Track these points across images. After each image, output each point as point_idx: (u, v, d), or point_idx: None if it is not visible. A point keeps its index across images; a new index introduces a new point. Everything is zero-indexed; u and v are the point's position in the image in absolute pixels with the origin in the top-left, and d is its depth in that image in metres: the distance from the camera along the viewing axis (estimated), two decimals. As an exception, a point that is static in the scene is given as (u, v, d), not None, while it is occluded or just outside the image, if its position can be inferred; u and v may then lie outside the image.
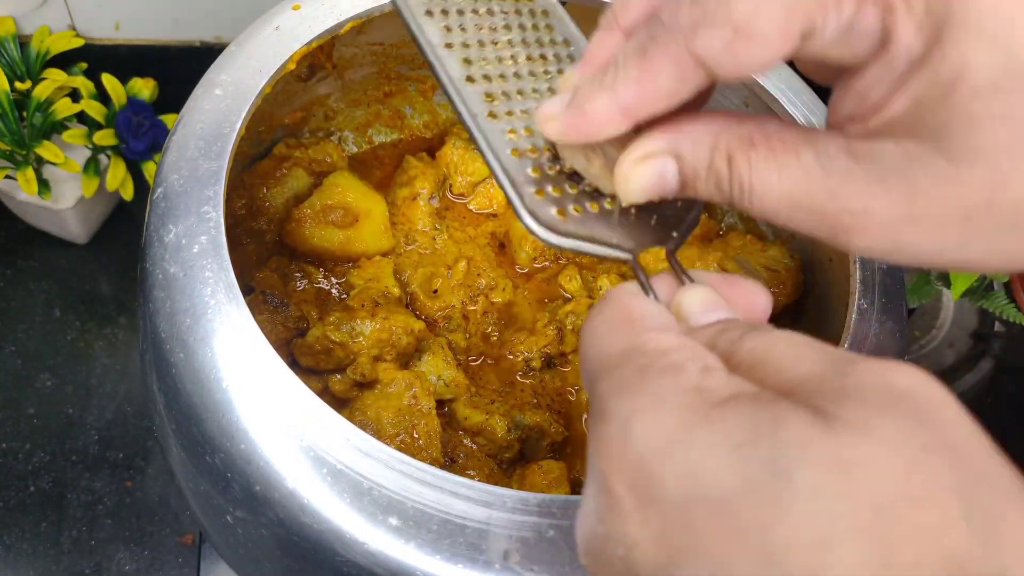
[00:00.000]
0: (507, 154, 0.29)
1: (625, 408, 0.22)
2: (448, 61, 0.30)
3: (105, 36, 0.73)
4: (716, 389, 0.21)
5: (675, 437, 0.21)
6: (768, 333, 0.23)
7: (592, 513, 0.23)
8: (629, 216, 0.29)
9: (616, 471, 0.21)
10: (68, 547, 0.65)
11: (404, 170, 0.58)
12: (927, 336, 0.75)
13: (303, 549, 0.35)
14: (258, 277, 0.51)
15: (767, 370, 0.22)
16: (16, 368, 0.72)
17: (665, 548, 0.20)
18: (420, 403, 0.47)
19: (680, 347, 0.23)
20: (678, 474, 0.20)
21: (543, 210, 0.28)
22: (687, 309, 0.26)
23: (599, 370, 0.24)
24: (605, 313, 0.25)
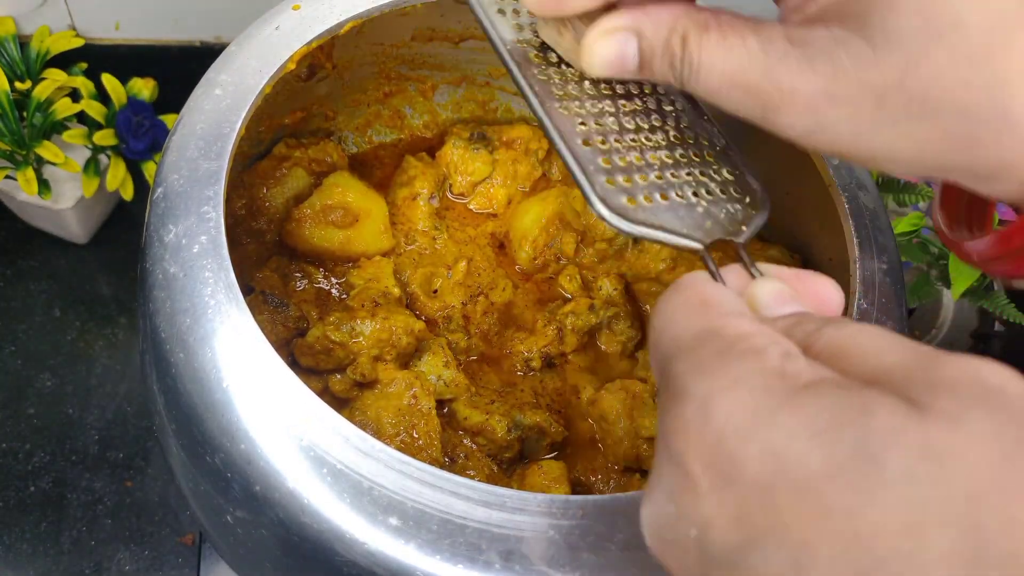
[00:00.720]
0: (578, 143, 0.30)
1: (704, 388, 0.22)
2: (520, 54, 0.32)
3: (105, 36, 0.73)
4: (799, 373, 0.21)
5: (758, 418, 0.21)
6: (847, 324, 0.23)
7: (663, 493, 0.22)
8: (697, 207, 0.30)
9: (693, 450, 0.21)
10: (68, 547, 0.65)
11: (404, 170, 0.58)
12: (927, 336, 0.75)
13: (303, 549, 0.35)
14: (258, 277, 0.51)
15: (849, 360, 0.22)
16: (16, 368, 0.72)
17: (743, 529, 0.20)
18: (420, 403, 0.47)
19: (759, 332, 0.23)
20: (760, 455, 0.20)
21: (614, 198, 0.29)
22: (760, 300, 0.26)
23: (675, 351, 0.24)
24: (680, 297, 0.26)
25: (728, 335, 0.23)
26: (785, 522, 0.19)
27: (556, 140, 0.30)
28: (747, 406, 0.21)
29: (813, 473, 0.19)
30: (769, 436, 0.20)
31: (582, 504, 0.35)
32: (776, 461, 0.20)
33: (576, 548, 0.34)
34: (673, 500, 0.22)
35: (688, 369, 0.23)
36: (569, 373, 0.54)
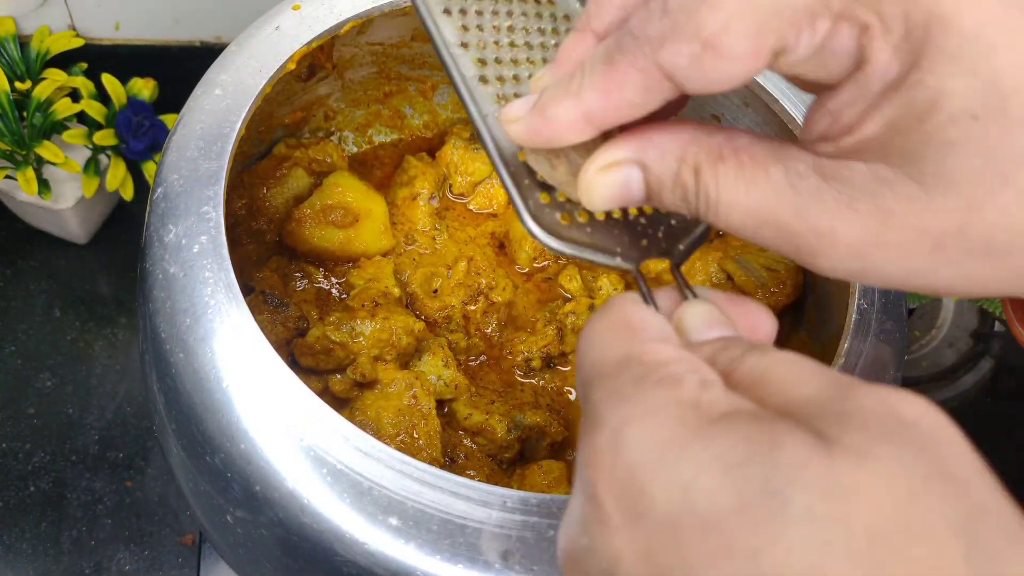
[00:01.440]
0: (514, 156, 0.28)
1: (618, 417, 0.21)
2: (462, 60, 0.30)
3: (105, 36, 0.73)
4: (713, 404, 0.21)
5: (667, 451, 0.20)
6: (769, 353, 0.23)
7: (576, 523, 0.22)
8: (635, 226, 0.29)
9: (604, 482, 0.21)
10: (68, 547, 0.65)
11: (404, 170, 0.58)
12: (927, 336, 0.75)
13: (303, 549, 0.35)
14: (258, 277, 0.51)
15: (767, 390, 0.22)
16: (16, 368, 0.72)
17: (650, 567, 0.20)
18: (420, 403, 0.47)
19: (679, 359, 0.23)
20: (668, 489, 0.20)
21: (547, 214, 0.28)
22: (688, 323, 0.26)
23: (594, 377, 0.23)
24: (604, 320, 0.25)
25: (647, 361, 0.22)
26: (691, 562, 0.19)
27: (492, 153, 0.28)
28: (659, 438, 0.20)
29: (720, 510, 0.19)
30: (678, 470, 0.20)
31: (582, 504, 0.35)
32: (684, 496, 0.19)
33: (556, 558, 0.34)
34: (586, 531, 0.21)
35: (604, 396, 0.22)
36: (569, 373, 0.54)
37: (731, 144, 0.25)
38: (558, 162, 0.28)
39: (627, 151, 0.26)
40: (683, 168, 0.25)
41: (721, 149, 0.25)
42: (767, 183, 0.24)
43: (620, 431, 0.21)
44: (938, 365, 0.75)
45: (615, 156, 0.26)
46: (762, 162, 0.25)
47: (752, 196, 0.24)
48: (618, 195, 0.26)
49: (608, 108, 0.25)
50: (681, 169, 0.25)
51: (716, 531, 0.19)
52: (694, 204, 0.26)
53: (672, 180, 0.26)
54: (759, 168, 0.24)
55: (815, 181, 0.24)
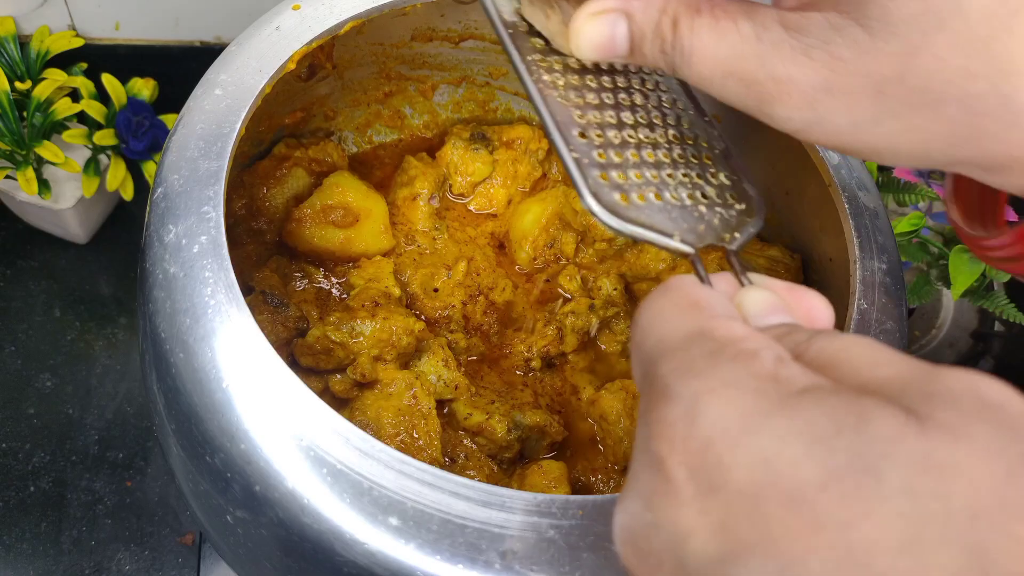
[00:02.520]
0: (574, 134, 0.29)
1: (692, 389, 0.21)
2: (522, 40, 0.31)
3: (105, 36, 0.73)
4: (792, 379, 0.20)
5: (749, 423, 0.19)
6: (840, 336, 0.22)
7: (639, 500, 0.21)
8: (692, 211, 0.30)
9: (678, 454, 0.20)
10: (68, 547, 0.65)
11: (404, 170, 0.58)
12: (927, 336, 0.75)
13: (303, 549, 0.35)
14: (258, 277, 0.51)
15: (841, 370, 0.21)
16: (16, 368, 0.72)
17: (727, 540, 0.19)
18: (420, 403, 0.47)
19: (752, 336, 0.22)
20: (750, 462, 0.19)
21: (606, 193, 0.28)
22: (749, 309, 0.25)
23: (662, 351, 0.23)
24: (668, 297, 0.24)
25: (719, 337, 0.22)
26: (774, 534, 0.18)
27: (551, 130, 0.29)
28: (738, 410, 0.20)
29: (806, 483, 0.18)
30: (760, 442, 0.19)
31: (582, 504, 0.35)
32: (767, 469, 0.19)
33: (576, 548, 0.34)
34: (651, 507, 0.21)
35: (675, 369, 0.22)
36: (569, 373, 0.54)
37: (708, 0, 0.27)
38: (552, 12, 0.30)
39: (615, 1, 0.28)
40: (663, 19, 0.27)
41: (699, 4, 0.27)
42: (737, 35, 0.26)
43: (696, 403, 0.20)
44: (938, 365, 0.74)
45: (603, 4, 0.28)
46: (734, 16, 0.27)
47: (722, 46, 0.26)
48: (605, 42, 0.29)
49: None
50: (662, 20, 0.27)
51: (802, 504, 0.18)
52: (671, 55, 0.28)
53: (653, 30, 0.28)
54: (731, 21, 0.27)
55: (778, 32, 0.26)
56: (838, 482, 0.18)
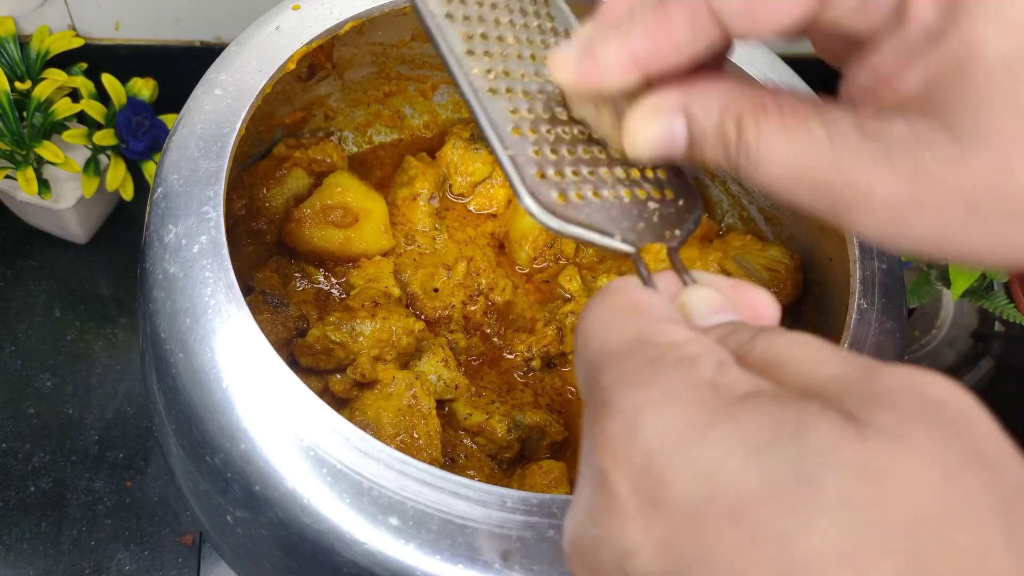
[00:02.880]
0: (508, 132, 0.28)
1: (633, 401, 0.20)
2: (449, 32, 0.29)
3: (105, 36, 0.73)
4: (733, 385, 0.20)
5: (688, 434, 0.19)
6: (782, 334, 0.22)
7: (585, 514, 0.21)
8: (632, 209, 0.29)
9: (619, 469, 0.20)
10: (68, 547, 0.65)
11: (404, 170, 0.58)
12: (927, 336, 0.75)
13: (303, 549, 0.35)
14: (258, 277, 0.51)
15: (784, 372, 0.21)
16: (16, 368, 0.72)
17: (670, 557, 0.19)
18: (420, 403, 0.47)
19: (693, 340, 0.22)
20: (690, 475, 0.19)
21: (544, 192, 0.27)
22: (693, 308, 0.25)
23: (602, 360, 0.22)
24: (607, 302, 0.24)
25: (659, 343, 0.22)
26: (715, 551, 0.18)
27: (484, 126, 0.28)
28: (678, 422, 0.19)
29: (746, 495, 0.18)
30: (700, 455, 0.19)
31: (582, 504, 0.35)
32: (707, 482, 0.18)
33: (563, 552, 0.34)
34: (596, 522, 0.20)
35: (616, 380, 0.21)
36: (569, 373, 0.54)
37: (774, 98, 0.25)
38: (604, 108, 0.28)
39: (673, 98, 0.26)
40: (726, 118, 0.25)
41: (764, 102, 0.25)
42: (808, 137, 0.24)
43: (636, 416, 0.20)
44: (938, 365, 0.75)
45: (662, 102, 0.26)
46: (803, 117, 0.25)
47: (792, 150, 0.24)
48: (662, 142, 0.27)
49: (657, 49, 0.25)
50: (724, 120, 0.25)
51: (743, 517, 0.18)
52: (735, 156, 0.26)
53: (715, 130, 0.26)
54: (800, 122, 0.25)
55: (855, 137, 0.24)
56: (777, 494, 0.18)
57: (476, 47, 0.30)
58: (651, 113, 0.27)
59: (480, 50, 0.30)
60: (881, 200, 0.24)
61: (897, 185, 0.23)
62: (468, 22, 0.30)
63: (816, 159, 0.24)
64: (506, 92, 0.29)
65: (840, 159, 0.24)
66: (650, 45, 0.25)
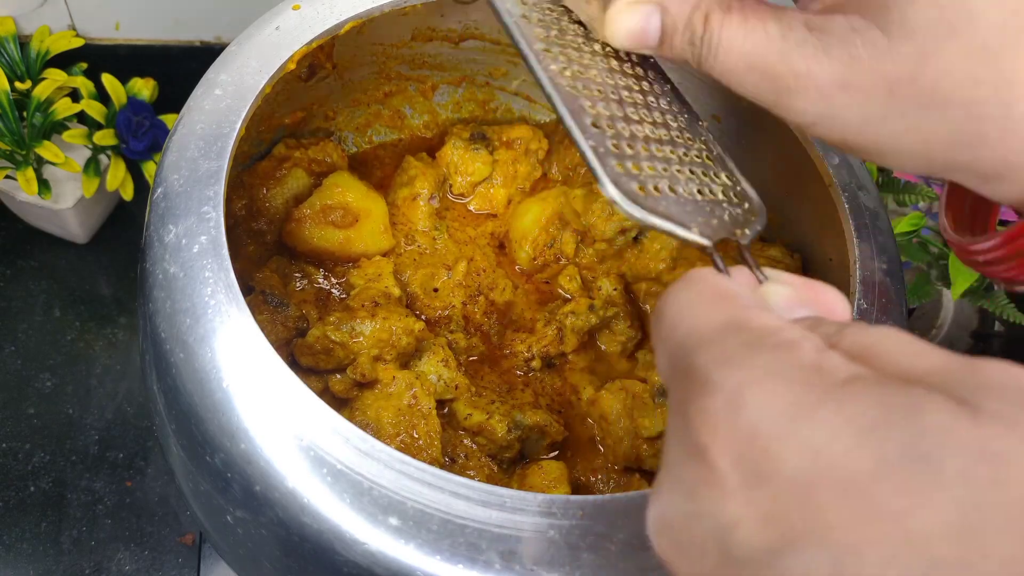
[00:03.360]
0: (587, 123, 0.29)
1: (735, 379, 0.20)
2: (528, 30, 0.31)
3: (105, 36, 0.73)
4: (837, 368, 0.20)
5: (796, 412, 0.19)
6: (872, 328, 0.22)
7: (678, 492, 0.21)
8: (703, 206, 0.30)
9: (721, 444, 0.20)
10: (68, 547, 0.65)
11: (404, 170, 0.58)
12: (927, 336, 0.75)
13: (303, 549, 0.35)
14: (258, 277, 0.51)
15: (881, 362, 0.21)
16: (16, 368, 0.72)
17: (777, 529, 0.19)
18: (420, 403, 0.47)
19: (788, 326, 0.22)
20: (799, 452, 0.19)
21: (625, 182, 0.28)
22: (772, 302, 0.25)
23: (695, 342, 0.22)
24: (693, 289, 0.24)
25: (755, 327, 0.22)
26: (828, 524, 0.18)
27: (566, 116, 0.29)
28: (784, 399, 0.19)
29: (860, 473, 0.18)
30: (809, 432, 0.19)
31: (582, 504, 0.35)
32: (817, 459, 0.19)
33: (576, 548, 0.34)
34: (692, 497, 0.20)
35: (713, 360, 0.21)
36: (569, 373, 0.54)
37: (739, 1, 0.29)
38: None
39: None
40: (696, 14, 0.29)
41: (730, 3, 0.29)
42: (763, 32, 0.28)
43: (739, 393, 0.20)
44: (938, 365, 0.74)
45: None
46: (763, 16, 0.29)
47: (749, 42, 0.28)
48: (638, 31, 0.31)
49: None
50: (694, 15, 0.29)
51: (856, 494, 0.18)
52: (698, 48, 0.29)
53: (684, 23, 0.30)
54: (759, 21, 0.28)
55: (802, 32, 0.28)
56: (893, 471, 0.18)
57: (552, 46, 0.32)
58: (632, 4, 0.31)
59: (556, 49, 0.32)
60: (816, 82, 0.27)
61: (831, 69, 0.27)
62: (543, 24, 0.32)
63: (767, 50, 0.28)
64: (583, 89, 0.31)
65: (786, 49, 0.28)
66: None
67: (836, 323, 0.23)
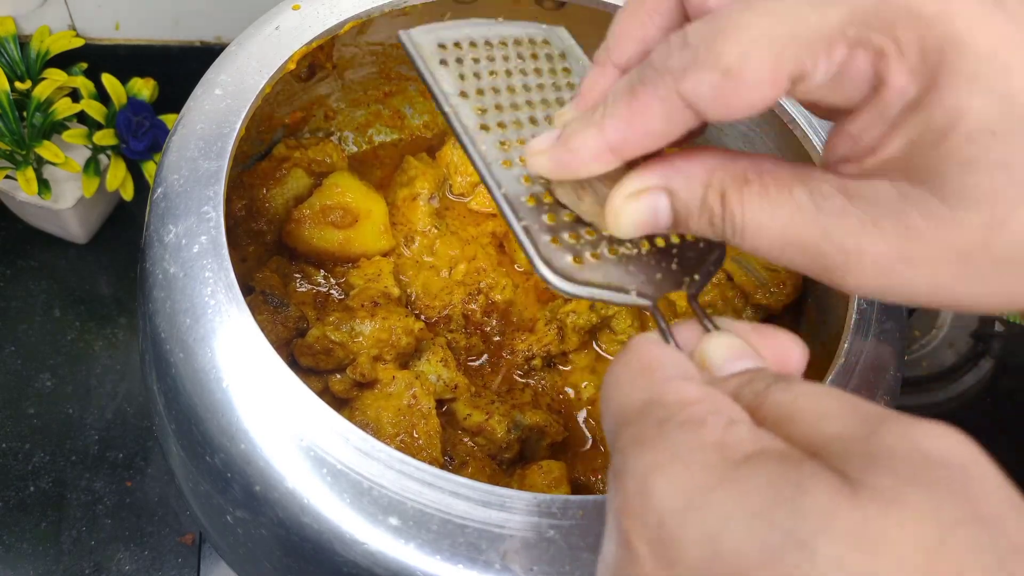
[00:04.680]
0: (523, 202, 0.28)
1: (643, 464, 0.21)
2: (462, 110, 0.30)
3: (105, 36, 0.73)
4: (738, 444, 0.21)
5: (694, 498, 0.20)
6: (795, 385, 0.22)
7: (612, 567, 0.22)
8: (648, 260, 0.29)
9: (637, 529, 0.21)
10: (68, 547, 0.65)
11: (404, 170, 0.58)
12: (927, 336, 0.75)
13: (303, 549, 0.35)
14: (258, 277, 0.51)
15: (793, 426, 0.21)
16: (16, 368, 0.72)
17: None
18: (420, 403, 0.47)
19: (701, 399, 0.22)
20: (697, 538, 0.19)
21: (559, 258, 0.28)
22: (712, 357, 0.25)
23: (619, 422, 0.23)
24: (623, 362, 0.25)
25: (668, 403, 0.22)
26: None
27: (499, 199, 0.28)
28: (685, 484, 0.20)
29: (747, 560, 0.19)
30: (705, 518, 0.20)
31: (582, 504, 0.35)
32: (712, 546, 0.19)
33: (576, 548, 0.34)
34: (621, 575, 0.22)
35: (629, 442, 0.22)
36: (569, 373, 0.54)
37: (755, 168, 0.25)
38: (584, 193, 0.28)
39: (654, 178, 0.26)
40: (709, 193, 0.26)
41: (746, 173, 0.25)
42: (792, 204, 0.25)
43: (647, 479, 0.21)
44: (938, 365, 0.75)
45: (642, 183, 0.27)
46: (787, 184, 0.25)
47: (778, 218, 0.25)
48: (646, 222, 0.27)
49: (631, 138, 0.26)
50: (707, 194, 0.26)
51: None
52: (720, 228, 0.26)
53: (699, 205, 0.26)
54: (784, 190, 0.25)
55: (840, 201, 0.24)
56: (773, 560, 0.18)
57: (489, 120, 0.30)
58: (633, 197, 0.27)
59: (493, 122, 0.30)
60: (871, 259, 0.24)
61: (887, 244, 0.24)
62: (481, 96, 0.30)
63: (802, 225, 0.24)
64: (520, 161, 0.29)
65: (826, 222, 0.24)
66: (625, 134, 0.26)
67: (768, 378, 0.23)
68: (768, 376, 0.23)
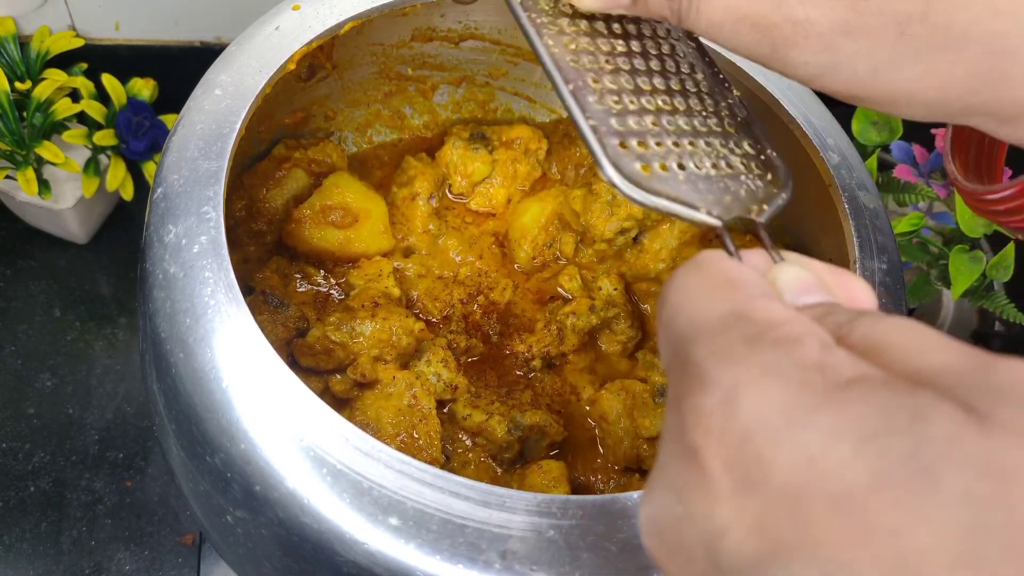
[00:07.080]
0: (590, 100, 0.27)
1: (731, 377, 0.19)
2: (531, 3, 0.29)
3: (105, 36, 0.73)
4: (839, 368, 0.19)
5: (792, 417, 0.18)
6: (886, 317, 0.20)
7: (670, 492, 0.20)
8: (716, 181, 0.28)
9: (714, 446, 0.19)
10: (68, 547, 0.65)
11: (404, 170, 0.58)
12: (927, 336, 0.75)
13: (303, 549, 0.35)
14: (258, 277, 0.51)
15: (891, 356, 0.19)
16: (16, 368, 0.72)
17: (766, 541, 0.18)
18: (420, 403, 0.47)
19: (793, 319, 0.20)
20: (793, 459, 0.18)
21: (626, 164, 0.26)
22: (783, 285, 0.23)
23: (695, 333, 0.21)
24: (698, 275, 0.22)
25: (758, 319, 0.20)
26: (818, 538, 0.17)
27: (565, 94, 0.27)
28: (781, 402, 0.18)
29: (855, 485, 0.17)
30: (805, 439, 0.18)
31: (582, 504, 0.35)
32: (812, 468, 0.17)
33: (576, 548, 0.34)
34: (683, 500, 0.19)
35: (711, 354, 0.20)
36: (569, 373, 0.54)
37: None
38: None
39: None
40: None
41: None
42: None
43: (734, 392, 0.19)
44: (938, 365, 0.74)
45: None
46: None
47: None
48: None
49: None
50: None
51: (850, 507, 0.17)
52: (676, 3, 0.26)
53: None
54: None
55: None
56: (890, 485, 0.17)
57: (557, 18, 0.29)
58: None
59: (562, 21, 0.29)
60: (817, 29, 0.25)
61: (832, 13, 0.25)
62: None
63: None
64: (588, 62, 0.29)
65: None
66: None
67: (849, 311, 0.21)
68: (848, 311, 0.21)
